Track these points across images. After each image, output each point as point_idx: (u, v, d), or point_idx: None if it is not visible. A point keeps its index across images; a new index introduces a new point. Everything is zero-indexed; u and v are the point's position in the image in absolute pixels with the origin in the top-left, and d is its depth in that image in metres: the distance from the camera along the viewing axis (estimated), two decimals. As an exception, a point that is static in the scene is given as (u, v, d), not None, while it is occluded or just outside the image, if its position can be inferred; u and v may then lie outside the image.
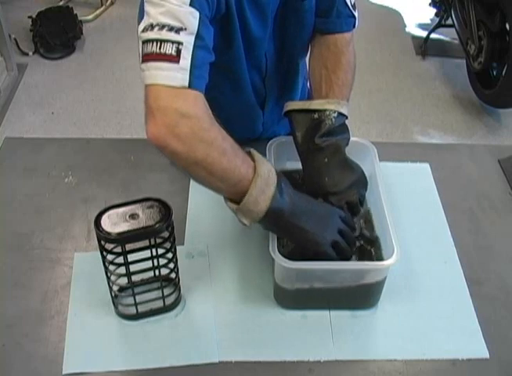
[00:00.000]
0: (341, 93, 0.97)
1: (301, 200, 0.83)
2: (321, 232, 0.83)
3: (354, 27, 1.02)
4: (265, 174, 0.77)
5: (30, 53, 2.93)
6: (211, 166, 0.74)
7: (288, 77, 1.10)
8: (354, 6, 1.00)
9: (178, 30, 0.74)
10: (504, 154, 1.21)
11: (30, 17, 2.96)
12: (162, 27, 0.74)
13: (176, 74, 0.73)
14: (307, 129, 0.94)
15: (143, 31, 0.75)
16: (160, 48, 0.73)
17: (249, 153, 0.80)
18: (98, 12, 3.25)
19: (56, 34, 2.89)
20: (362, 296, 0.89)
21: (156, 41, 0.74)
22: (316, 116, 0.94)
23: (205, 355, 0.83)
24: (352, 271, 0.86)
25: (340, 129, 0.95)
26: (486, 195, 1.12)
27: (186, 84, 0.73)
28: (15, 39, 2.91)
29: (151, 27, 0.74)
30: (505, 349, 0.87)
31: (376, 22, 3.27)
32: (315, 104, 0.95)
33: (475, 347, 0.86)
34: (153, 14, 0.75)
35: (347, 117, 0.96)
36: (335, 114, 0.94)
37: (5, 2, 2.85)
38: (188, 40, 0.75)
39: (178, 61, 0.73)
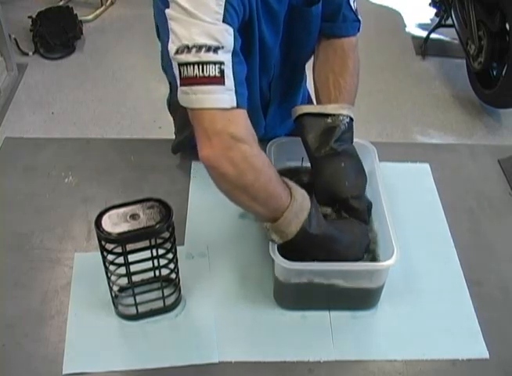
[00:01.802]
0: (350, 98, 0.97)
1: (330, 226, 0.85)
2: (351, 254, 0.86)
3: (358, 30, 1.02)
4: (299, 199, 0.80)
5: (30, 53, 2.93)
6: (257, 192, 0.77)
7: (292, 82, 1.10)
8: (357, 11, 1.01)
9: (216, 50, 0.73)
10: (504, 154, 1.21)
11: (30, 17, 2.96)
12: (199, 48, 0.73)
13: (224, 96, 0.74)
14: (321, 133, 0.93)
15: (178, 53, 0.74)
16: (202, 71, 0.73)
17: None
18: (98, 12, 3.25)
19: (56, 34, 2.89)
20: (363, 297, 0.89)
21: (198, 63, 0.73)
22: (330, 120, 0.93)
23: (205, 355, 0.83)
24: (352, 271, 0.86)
25: (351, 134, 0.95)
26: (486, 195, 1.12)
27: (235, 104, 0.75)
28: (15, 39, 2.91)
29: (187, 48, 0.73)
30: (505, 349, 0.87)
31: (376, 22, 3.27)
32: (330, 109, 0.94)
33: (475, 347, 0.86)
34: (186, 34, 0.73)
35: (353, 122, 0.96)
36: (347, 119, 0.94)
37: (5, 2, 2.85)
38: (227, 58, 0.75)
39: (223, 82, 0.74)
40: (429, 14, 3.26)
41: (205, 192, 1.08)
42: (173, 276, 0.85)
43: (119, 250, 0.76)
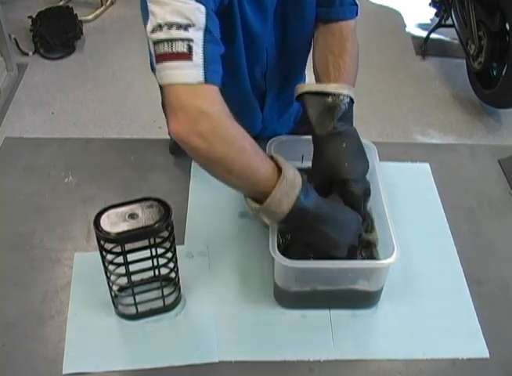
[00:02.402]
0: (349, 79, 0.96)
1: (325, 205, 0.82)
2: (343, 238, 0.83)
3: (356, 14, 1.02)
4: (290, 176, 0.77)
5: (30, 53, 2.93)
6: (231, 164, 0.75)
7: (289, 72, 1.10)
8: None
9: (186, 27, 0.75)
10: (504, 154, 1.21)
11: (30, 17, 2.96)
12: (170, 26, 0.75)
13: (191, 72, 0.75)
14: (321, 112, 0.92)
15: (152, 32, 0.76)
16: (171, 48, 0.74)
17: (271, 158, 0.80)
18: (98, 12, 3.25)
19: (56, 34, 2.89)
20: (363, 296, 0.89)
21: (167, 41, 0.75)
22: (330, 100, 0.92)
23: (205, 354, 0.83)
24: (352, 270, 0.86)
25: (351, 115, 0.94)
26: (486, 195, 1.12)
27: (202, 79, 0.75)
28: (15, 39, 2.91)
29: (159, 27, 0.75)
30: (505, 349, 0.87)
31: (376, 22, 3.27)
32: (330, 88, 0.93)
33: (475, 347, 0.86)
34: (160, 14, 0.75)
35: (353, 104, 0.95)
36: (348, 99, 0.92)
37: (5, 2, 2.85)
38: (197, 36, 0.75)
39: (191, 58, 0.75)
40: (429, 14, 3.26)
41: (205, 191, 1.08)
42: (172, 275, 0.85)
43: (118, 249, 0.76)
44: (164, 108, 1.22)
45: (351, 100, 0.94)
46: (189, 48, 0.75)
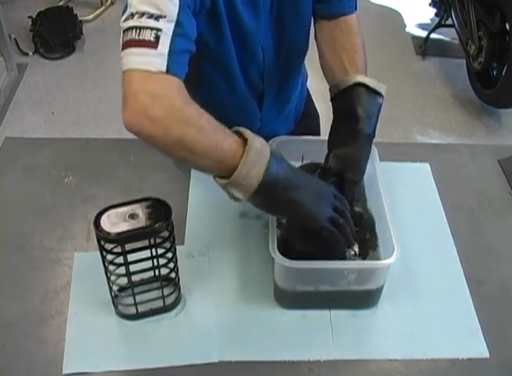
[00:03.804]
0: (365, 74, 0.96)
1: (295, 174, 0.80)
2: (316, 206, 0.80)
3: (356, 7, 1.02)
4: (257, 146, 0.75)
5: (30, 53, 2.93)
6: (190, 144, 0.73)
7: (288, 72, 1.10)
8: None
9: (157, 18, 0.74)
10: (504, 154, 1.21)
11: (30, 17, 2.96)
12: (142, 14, 0.74)
13: (153, 59, 0.73)
14: (371, 109, 0.92)
15: (124, 21, 0.76)
16: (138, 35, 0.73)
17: (236, 132, 0.78)
18: (98, 12, 3.25)
19: (56, 34, 2.89)
20: (363, 296, 0.89)
21: (135, 28, 0.74)
22: (380, 101, 0.93)
23: (205, 354, 0.83)
24: (352, 270, 0.86)
25: None
26: (486, 195, 1.12)
27: (164, 69, 0.73)
28: (15, 39, 2.91)
29: (131, 15, 0.75)
30: (505, 349, 0.87)
31: (376, 22, 3.27)
32: (383, 89, 0.93)
33: (475, 347, 0.86)
34: (134, 3, 0.75)
35: None
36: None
37: (5, 2, 2.85)
38: (167, 27, 0.74)
39: (156, 47, 0.73)
40: (429, 14, 3.26)
41: (205, 191, 1.08)
42: (173, 275, 0.85)
43: (118, 249, 0.76)
44: None
45: None
46: (157, 37, 0.73)
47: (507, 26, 2.34)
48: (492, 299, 0.93)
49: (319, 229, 0.80)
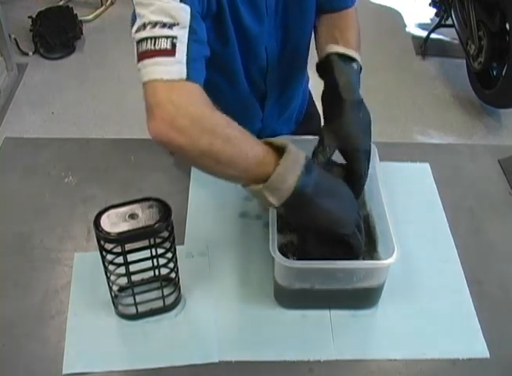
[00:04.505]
0: (357, 50, 0.96)
1: (328, 180, 0.80)
2: (348, 212, 0.80)
3: (353, 2, 1.04)
4: (293, 151, 0.74)
5: (30, 53, 2.93)
6: (217, 155, 0.72)
7: (290, 73, 1.10)
8: None
9: (170, 26, 0.73)
10: (504, 154, 1.21)
11: (30, 17, 2.96)
12: (154, 24, 0.73)
13: (173, 68, 0.72)
14: (349, 77, 0.90)
15: (136, 32, 0.75)
16: (154, 45, 0.73)
17: (267, 142, 0.77)
18: (98, 12, 3.25)
19: (56, 34, 2.89)
20: (363, 296, 0.89)
21: (150, 38, 0.73)
22: (355, 66, 0.92)
23: (205, 354, 0.83)
24: (352, 270, 0.86)
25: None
26: (486, 195, 1.12)
27: (184, 76, 0.72)
28: (15, 39, 2.91)
29: (143, 26, 0.74)
30: (505, 349, 0.87)
31: (376, 22, 3.27)
32: (356, 55, 0.93)
33: (475, 347, 0.86)
34: (145, 14, 0.75)
35: None
36: (359, 70, 0.93)
37: (5, 2, 2.85)
38: (182, 34, 0.74)
39: (173, 54, 0.72)
40: (429, 14, 3.26)
41: (205, 191, 1.08)
42: (172, 275, 0.85)
43: (118, 249, 0.76)
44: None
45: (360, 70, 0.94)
46: (173, 45, 0.73)
47: (507, 26, 2.34)
48: (492, 299, 0.93)
49: (348, 235, 0.80)
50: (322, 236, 0.83)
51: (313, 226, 0.81)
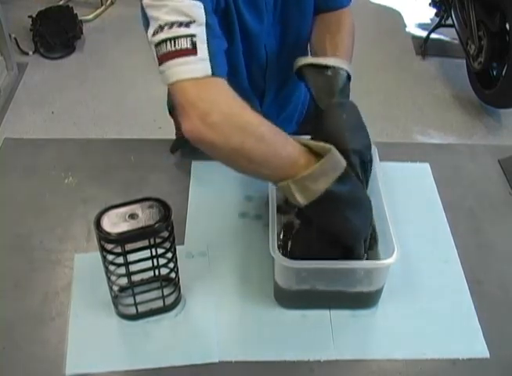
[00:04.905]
0: (346, 55, 0.96)
1: (359, 193, 0.79)
2: (364, 226, 0.80)
3: (349, 2, 1.05)
4: (336, 157, 0.74)
5: (31, 53, 2.93)
6: (249, 153, 0.72)
7: (289, 69, 1.10)
8: None
9: (188, 24, 0.74)
10: (504, 154, 1.21)
11: (30, 17, 2.96)
12: (171, 25, 0.74)
13: (197, 66, 0.74)
14: (322, 84, 0.90)
15: (153, 35, 0.75)
16: (174, 46, 0.74)
17: (305, 144, 0.77)
18: (98, 11, 3.25)
19: (56, 34, 2.89)
20: (363, 296, 0.89)
21: (169, 39, 0.74)
22: (330, 73, 0.91)
23: (205, 354, 0.83)
24: (352, 270, 0.86)
25: (348, 92, 0.93)
26: (486, 195, 1.12)
27: (209, 72, 0.74)
28: (15, 38, 2.91)
29: (160, 28, 0.74)
30: (505, 349, 0.87)
31: (376, 22, 3.27)
32: (329, 61, 0.92)
33: (475, 347, 0.86)
34: (159, 16, 0.75)
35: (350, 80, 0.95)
36: (346, 74, 0.92)
37: (5, 2, 2.85)
38: (200, 31, 0.75)
39: (195, 53, 0.74)
40: (429, 14, 3.26)
41: (205, 191, 1.08)
42: (173, 275, 0.85)
43: (118, 250, 0.76)
44: (171, 113, 1.21)
45: (349, 77, 0.93)
46: (193, 43, 0.74)
47: (507, 26, 2.34)
48: (492, 299, 0.93)
49: (353, 247, 0.82)
50: (327, 236, 0.82)
51: (327, 230, 0.80)
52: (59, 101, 2.67)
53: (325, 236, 0.82)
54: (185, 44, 0.73)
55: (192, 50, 0.73)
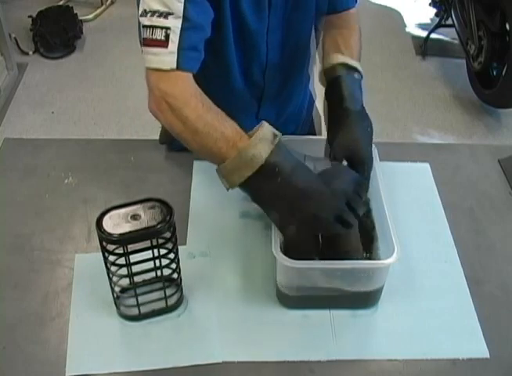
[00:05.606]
0: (359, 59, 1.01)
1: (302, 164, 0.83)
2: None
3: (356, 1, 1.07)
4: (268, 130, 0.81)
5: (31, 53, 2.93)
6: (186, 143, 0.85)
7: (291, 70, 1.10)
8: None
9: (166, 15, 0.81)
10: (504, 154, 1.21)
11: (30, 17, 2.96)
12: (153, 13, 0.82)
13: (165, 58, 0.82)
14: (354, 87, 0.95)
15: (141, 16, 0.83)
16: (151, 34, 0.82)
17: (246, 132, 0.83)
18: (98, 11, 3.25)
19: (56, 34, 2.89)
20: (363, 296, 0.89)
21: (149, 27, 0.82)
22: (357, 76, 0.97)
23: (208, 355, 0.83)
24: (352, 270, 0.87)
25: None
26: (486, 195, 1.12)
27: (174, 66, 0.82)
28: (15, 38, 2.91)
29: (145, 12, 0.82)
30: (505, 349, 0.87)
31: (376, 22, 3.27)
32: (357, 65, 0.98)
33: (475, 347, 0.87)
34: (146, 0, 0.82)
35: None
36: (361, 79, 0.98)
37: (5, 2, 2.86)
38: (175, 24, 0.81)
39: (166, 46, 0.81)
40: (429, 14, 3.27)
41: (207, 191, 1.08)
42: (175, 276, 0.85)
43: (120, 250, 0.76)
44: None
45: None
46: (166, 35, 0.81)
47: (507, 26, 2.34)
48: (492, 299, 0.94)
49: (323, 229, 0.82)
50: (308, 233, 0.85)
51: (285, 205, 0.80)
52: (59, 101, 2.67)
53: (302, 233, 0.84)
54: (159, 35, 0.81)
55: (164, 42, 0.81)
